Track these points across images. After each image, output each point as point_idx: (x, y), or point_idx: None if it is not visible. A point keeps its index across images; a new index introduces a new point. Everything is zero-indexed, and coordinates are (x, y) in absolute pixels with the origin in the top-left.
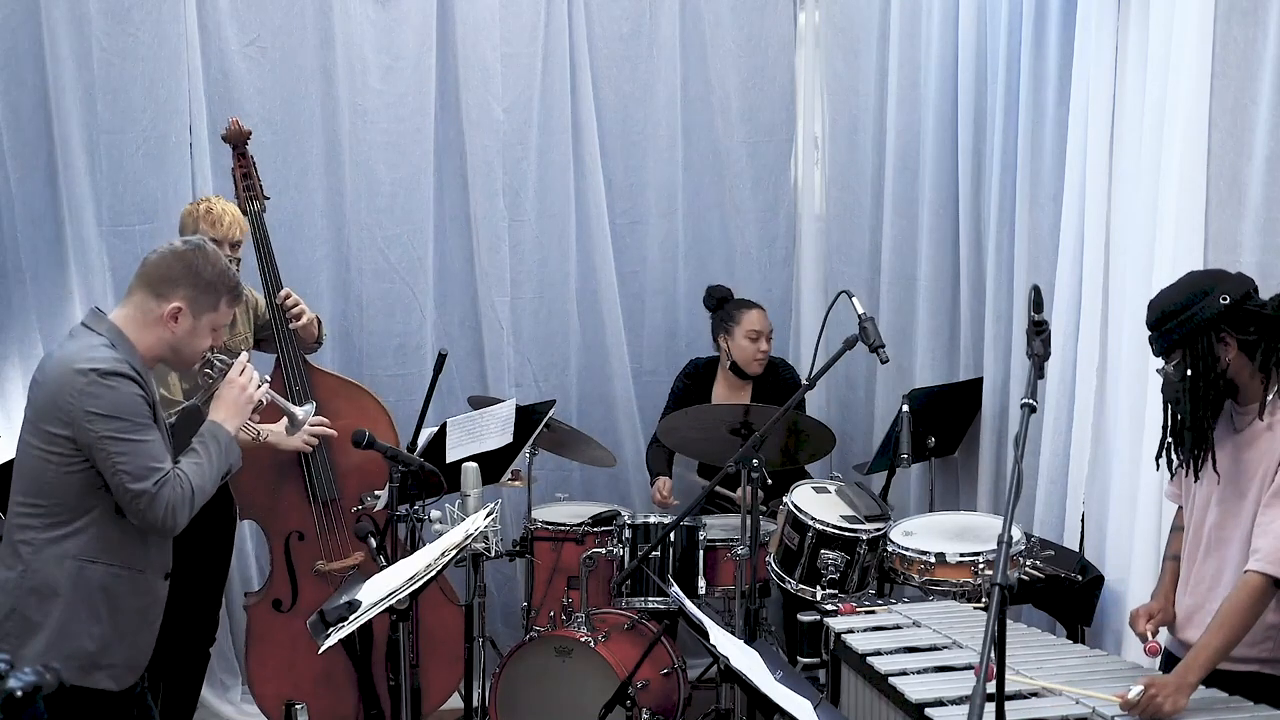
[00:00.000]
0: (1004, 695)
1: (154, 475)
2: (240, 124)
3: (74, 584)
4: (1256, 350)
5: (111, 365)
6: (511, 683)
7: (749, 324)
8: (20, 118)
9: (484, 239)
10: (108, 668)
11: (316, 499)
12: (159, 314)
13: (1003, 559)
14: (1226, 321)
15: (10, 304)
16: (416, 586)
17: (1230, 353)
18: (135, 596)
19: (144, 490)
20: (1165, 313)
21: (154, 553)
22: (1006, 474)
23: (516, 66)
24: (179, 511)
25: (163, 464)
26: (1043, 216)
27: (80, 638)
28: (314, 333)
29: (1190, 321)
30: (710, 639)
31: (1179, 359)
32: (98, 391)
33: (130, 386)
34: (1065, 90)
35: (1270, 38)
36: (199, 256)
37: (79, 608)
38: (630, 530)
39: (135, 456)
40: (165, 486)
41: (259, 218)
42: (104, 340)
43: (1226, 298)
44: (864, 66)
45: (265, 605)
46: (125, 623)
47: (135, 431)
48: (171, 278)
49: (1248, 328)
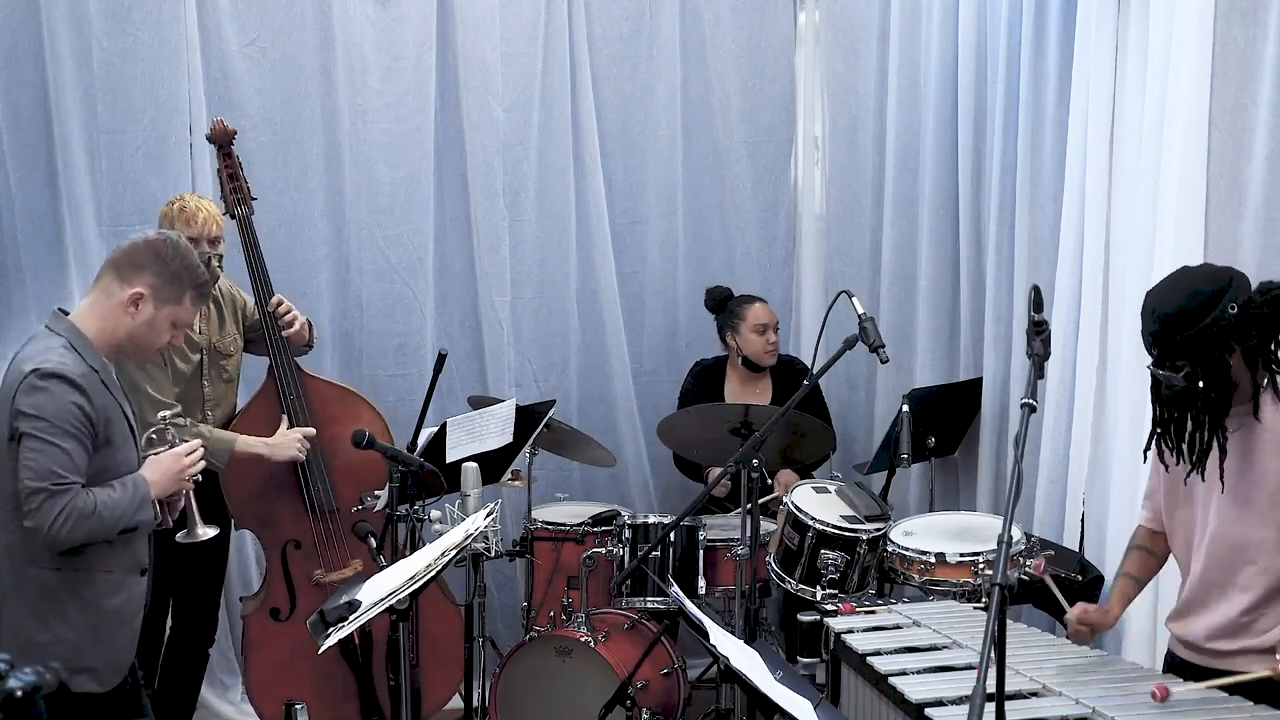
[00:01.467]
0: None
1: (53, 479)
2: (225, 124)
3: (39, 589)
4: (1256, 355)
5: (55, 368)
6: (511, 683)
7: (754, 318)
8: (20, 118)
9: (484, 239)
10: (86, 670)
11: (314, 509)
12: (121, 298)
13: (1003, 559)
14: (1236, 332)
15: (10, 304)
16: (416, 586)
17: (1235, 360)
18: (106, 597)
19: (40, 488)
20: (1172, 323)
21: (120, 552)
22: (1006, 474)
23: (516, 66)
24: (72, 523)
25: (68, 475)
26: (1043, 216)
27: (52, 644)
28: (304, 337)
29: (1202, 335)
30: (710, 639)
31: (1186, 369)
32: (31, 390)
33: (68, 393)
34: (1065, 90)
35: (1270, 38)
36: (167, 247)
37: (46, 614)
38: (630, 530)
39: (43, 457)
40: (65, 494)
41: (247, 221)
42: (63, 341)
43: (1234, 307)
44: (864, 66)
45: (263, 614)
46: (99, 624)
47: (54, 435)
48: (138, 264)
49: (1250, 334)
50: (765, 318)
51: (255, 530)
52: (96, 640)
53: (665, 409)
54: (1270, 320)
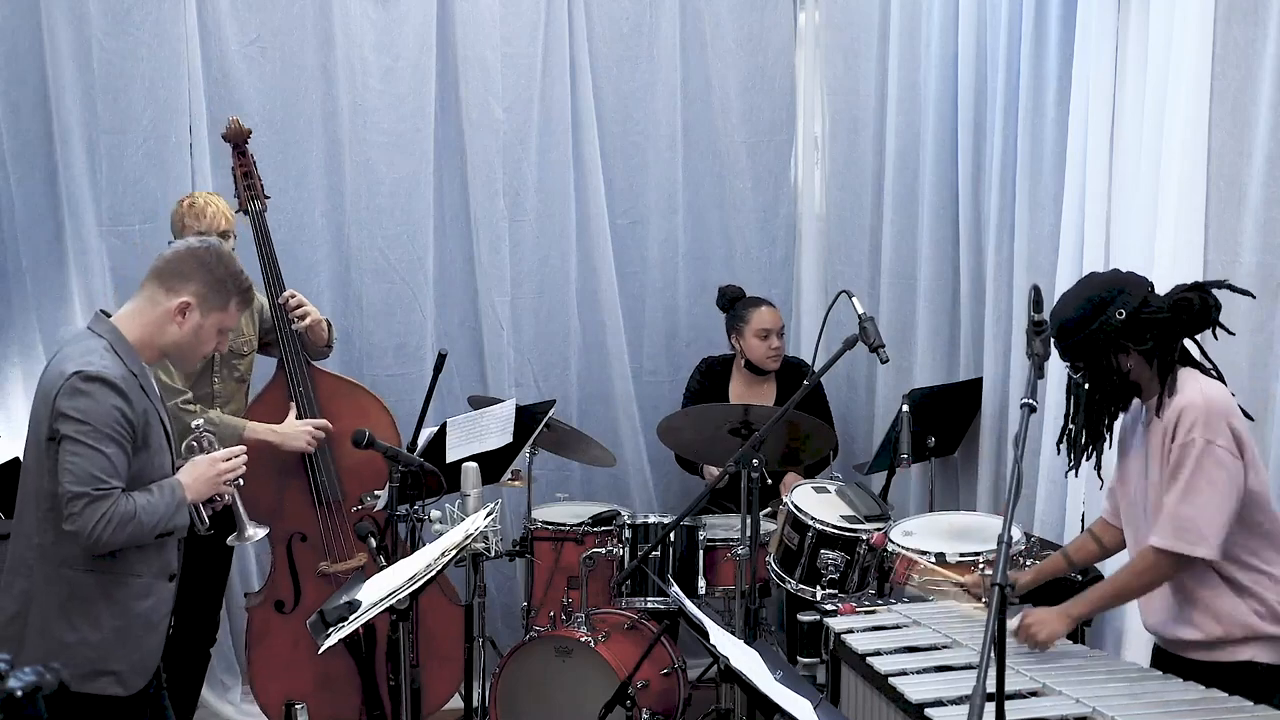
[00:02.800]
0: (1004, 695)
1: (95, 484)
2: (240, 123)
3: (70, 592)
4: (1154, 357)
5: (98, 371)
6: (511, 683)
7: (758, 323)
8: (20, 118)
9: (484, 239)
10: (112, 674)
11: (321, 500)
12: (167, 308)
13: (1003, 559)
14: (1124, 336)
15: (10, 304)
16: (416, 586)
17: (1130, 361)
18: (135, 600)
19: (82, 493)
20: (1063, 328)
21: (152, 556)
22: (1006, 474)
23: (516, 66)
24: (114, 528)
25: (110, 479)
26: (1043, 216)
27: (79, 646)
28: (324, 336)
29: (1090, 339)
30: (710, 639)
31: (1080, 370)
32: (73, 393)
33: (110, 397)
34: (1065, 90)
35: (1270, 38)
36: (211, 255)
37: (74, 616)
38: (630, 530)
39: (85, 462)
40: (106, 500)
41: (260, 217)
42: (105, 344)
43: (1122, 312)
44: (864, 66)
45: (268, 606)
46: (126, 628)
47: (95, 440)
48: (183, 273)
49: (1144, 337)
50: (768, 323)
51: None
52: (122, 643)
53: (665, 409)
54: (1170, 323)
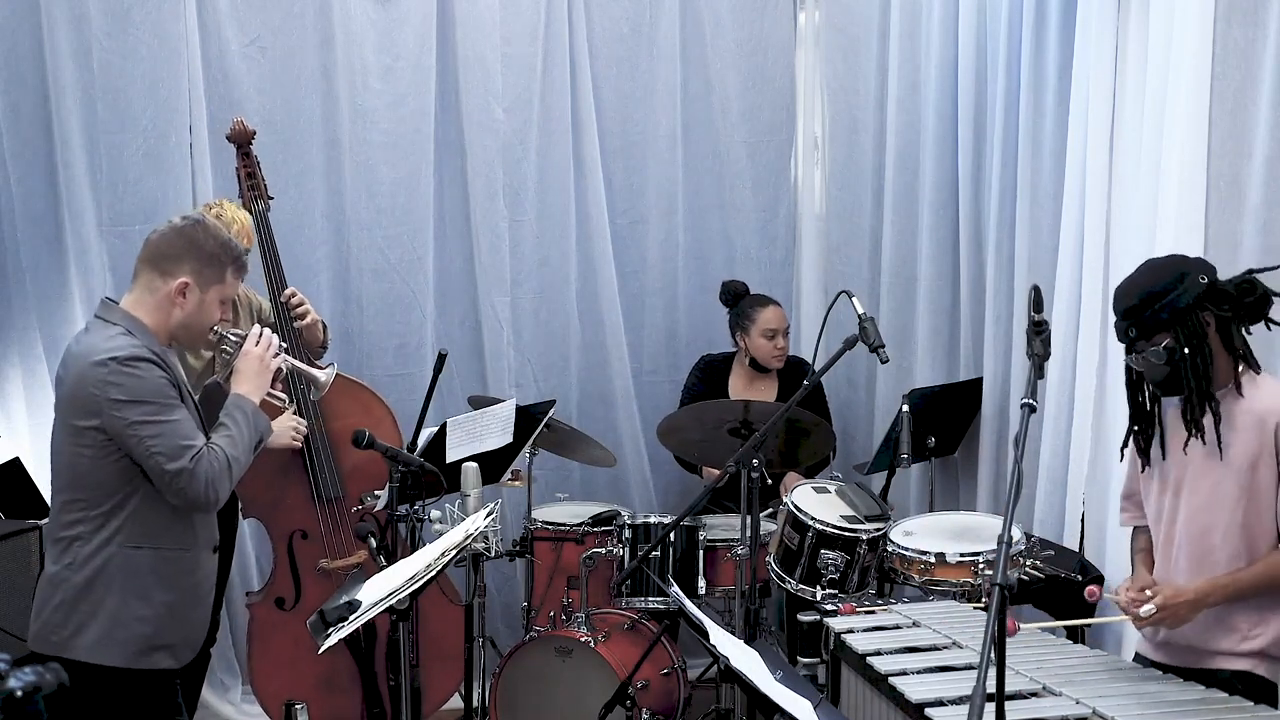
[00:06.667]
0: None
1: (188, 453)
2: (245, 123)
3: (122, 571)
4: (1229, 327)
5: (130, 351)
6: (511, 683)
7: (764, 322)
8: (20, 118)
9: (484, 239)
10: (167, 648)
11: (321, 497)
12: (166, 291)
13: (1003, 559)
14: (1209, 300)
15: (10, 304)
16: (416, 586)
17: (1211, 333)
18: (184, 575)
19: (182, 468)
20: (1149, 294)
21: (199, 528)
22: (1006, 474)
23: (516, 66)
24: (218, 484)
25: (195, 441)
26: (1043, 216)
27: (134, 623)
28: (319, 336)
29: (1178, 301)
30: (710, 639)
31: (1168, 340)
32: (120, 379)
33: (152, 370)
34: (1065, 90)
35: (1270, 38)
36: (200, 230)
37: (129, 594)
38: (630, 530)
39: (167, 437)
40: (201, 462)
41: (264, 217)
42: (120, 329)
43: (1205, 277)
44: (864, 66)
45: (268, 604)
46: (177, 602)
47: (163, 413)
48: (175, 254)
49: (1223, 305)
50: (775, 323)
51: (262, 519)
52: (174, 618)
53: (665, 409)
54: (1236, 301)
